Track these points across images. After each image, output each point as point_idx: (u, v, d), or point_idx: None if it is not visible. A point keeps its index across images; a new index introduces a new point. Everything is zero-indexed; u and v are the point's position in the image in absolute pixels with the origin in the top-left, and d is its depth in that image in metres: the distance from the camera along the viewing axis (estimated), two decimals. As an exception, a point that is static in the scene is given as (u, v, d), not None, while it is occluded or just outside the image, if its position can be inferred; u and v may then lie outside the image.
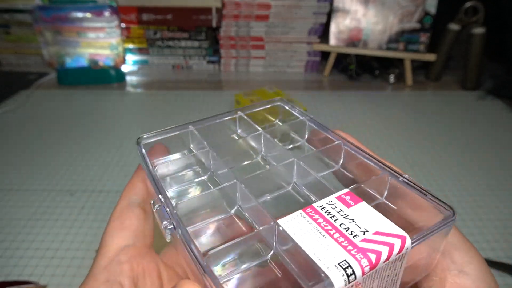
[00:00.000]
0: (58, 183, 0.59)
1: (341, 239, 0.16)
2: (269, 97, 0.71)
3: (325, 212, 0.18)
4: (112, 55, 0.94)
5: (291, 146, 0.26)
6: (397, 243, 0.16)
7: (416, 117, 0.82)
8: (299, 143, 0.26)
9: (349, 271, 0.15)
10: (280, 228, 0.17)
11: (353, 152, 0.22)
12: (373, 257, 0.15)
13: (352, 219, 0.17)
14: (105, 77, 0.96)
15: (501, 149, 0.71)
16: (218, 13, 0.99)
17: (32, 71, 1.01)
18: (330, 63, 1.02)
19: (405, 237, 0.16)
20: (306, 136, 0.25)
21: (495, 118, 0.82)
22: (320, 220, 0.17)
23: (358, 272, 0.15)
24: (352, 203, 0.18)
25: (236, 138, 0.26)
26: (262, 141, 0.25)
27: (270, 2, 0.98)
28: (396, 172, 0.20)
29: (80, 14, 0.88)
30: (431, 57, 0.96)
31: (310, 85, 0.99)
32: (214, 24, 1.00)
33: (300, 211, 0.18)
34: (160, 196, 0.19)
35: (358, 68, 1.00)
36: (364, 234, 0.16)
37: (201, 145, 0.24)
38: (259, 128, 0.25)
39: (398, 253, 0.16)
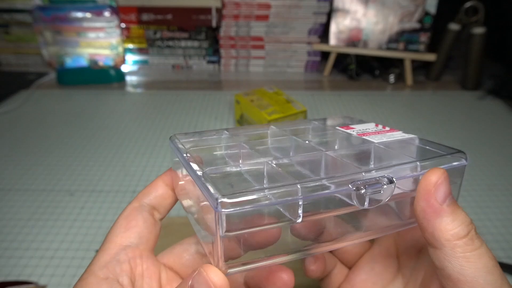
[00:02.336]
0: (58, 183, 0.59)
1: None
2: (269, 97, 0.71)
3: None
4: (112, 55, 0.94)
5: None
6: None
7: (416, 117, 0.82)
8: None
9: None
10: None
11: None
12: None
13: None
14: (105, 77, 0.96)
15: (501, 149, 0.71)
16: (218, 13, 0.99)
17: (32, 71, 1.01)
18: (330, 63, 1.02)
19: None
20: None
21: (495, 118, 0.82)
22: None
23: None
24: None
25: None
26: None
27: (270, 2, 0.98)
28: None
29: (80, 14, 0.88)
30: (431, 57, 0.96)
31: (310, 85, 0.99)
32: (214, 24, 1.00)
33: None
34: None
35: (358, 68, 1.00)
36: None
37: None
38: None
39: None
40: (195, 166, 0.20)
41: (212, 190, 0.16)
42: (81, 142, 0.70)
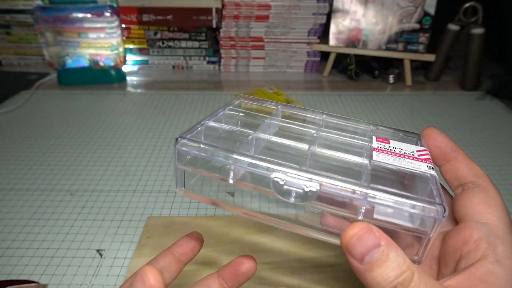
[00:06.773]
0: (58, 183, 0.59)
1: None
2: (269, 97, 0.71)
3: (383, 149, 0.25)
4: (112, 56, 0.94)
5: None
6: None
7: (415, 117, 0.83)
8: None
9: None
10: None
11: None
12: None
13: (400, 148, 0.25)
14: (105, 77, 0.96)
15: (501, 149, 0.71)
16: (218, 13, 0.99)
17: (33, 71, 1.02)
18: (329, 63, 1.03)
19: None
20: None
21: (494, 118, 0.83)
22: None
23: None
24: (386, 141, 0.26)
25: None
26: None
27: (270, 3, 0.98)
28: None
29: (80, 15, 0.88)
30: (430, 57, 0.96)
31: (310, 85, 1.00)
32: (214, 24, 1.01)
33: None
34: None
35: (357, 69, 1.00)
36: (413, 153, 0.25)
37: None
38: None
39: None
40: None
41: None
42: (82, 142, 0.71)
